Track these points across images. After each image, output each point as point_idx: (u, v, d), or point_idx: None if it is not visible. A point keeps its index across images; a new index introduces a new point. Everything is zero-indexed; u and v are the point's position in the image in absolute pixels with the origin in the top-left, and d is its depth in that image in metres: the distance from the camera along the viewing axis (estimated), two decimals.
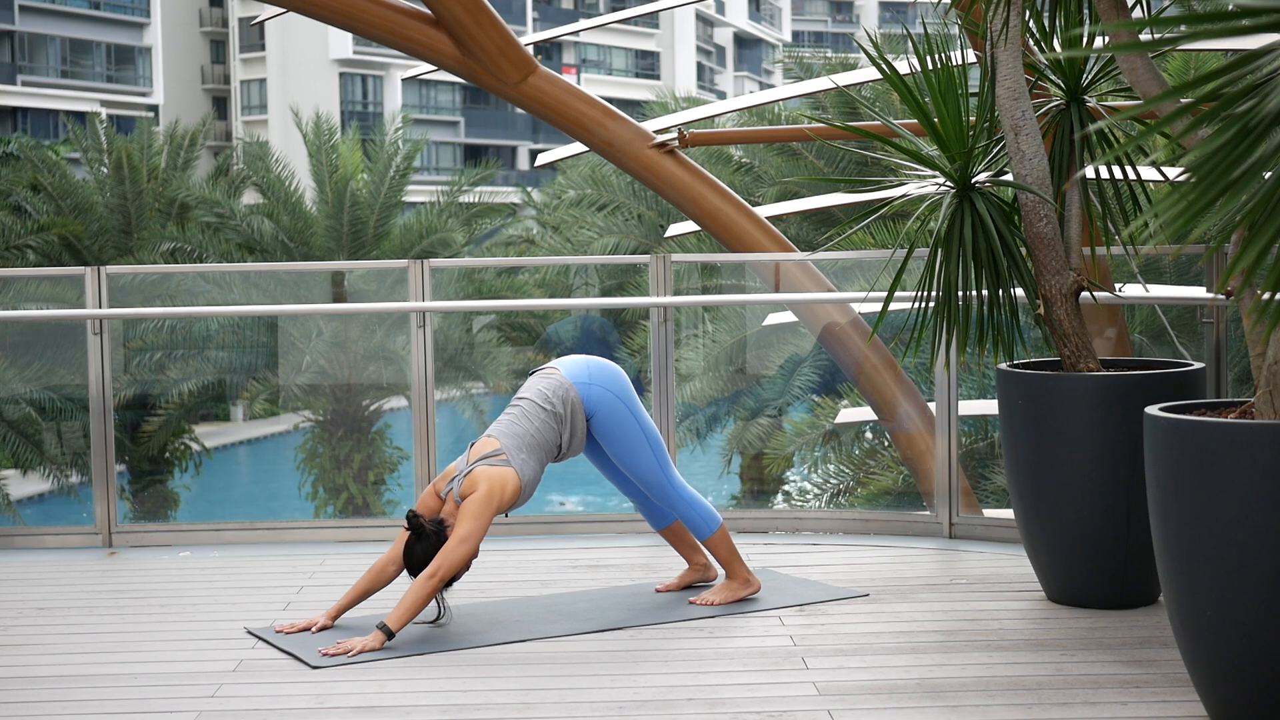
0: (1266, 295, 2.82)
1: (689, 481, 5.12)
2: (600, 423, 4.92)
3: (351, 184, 22.22)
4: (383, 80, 52.24)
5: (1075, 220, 4.95)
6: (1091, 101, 5.01)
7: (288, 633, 4.71)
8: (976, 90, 5.02)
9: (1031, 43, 5.00)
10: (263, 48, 51.15)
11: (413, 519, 4.67)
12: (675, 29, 61.21)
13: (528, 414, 4.85)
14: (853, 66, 23.49)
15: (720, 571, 5.27)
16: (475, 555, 4.68)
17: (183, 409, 19.67)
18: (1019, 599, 5.04)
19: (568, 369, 4.96)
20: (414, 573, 4.70)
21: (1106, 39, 5.04)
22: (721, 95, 62.57)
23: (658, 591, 5.19)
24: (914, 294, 5.06)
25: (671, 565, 5.56)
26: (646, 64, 60.93)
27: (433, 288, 6.33)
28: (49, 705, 4.11)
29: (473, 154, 50.94)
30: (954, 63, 4.89)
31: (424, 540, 4.67)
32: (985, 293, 4.94)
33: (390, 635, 4.53)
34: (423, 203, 24.78)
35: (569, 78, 15.94)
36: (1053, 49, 4.94)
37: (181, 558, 6.04)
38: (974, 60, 5.46)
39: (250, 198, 25.49)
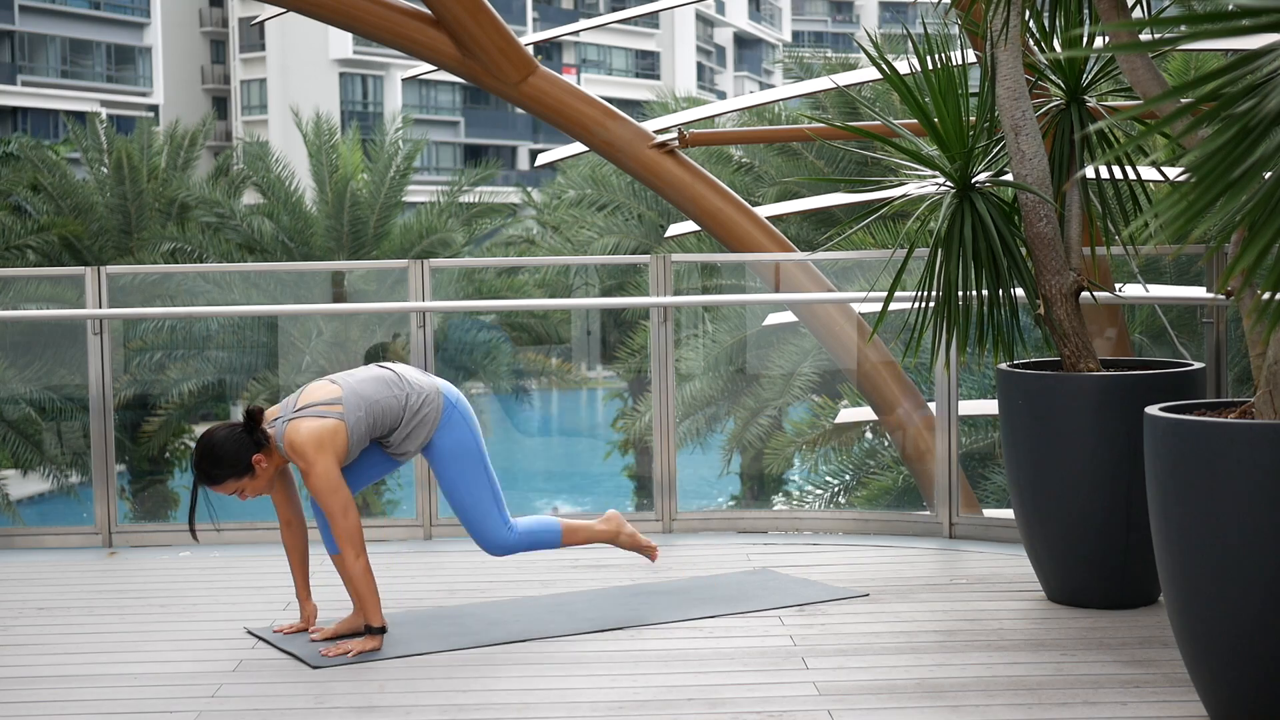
0: (1266, 295, 2.82)
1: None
2: (445, 448, 4.71)
3: (351, 184, 22.23)
4: (383, 80, 52.25)
5: (1075, 220, 4.95)
6: (1091, 101, 5.01)
7: (287, 633, 4.71)
8: (976, 90, 5.02)
9: (1031, 43, 5.00)
10: (263, 48, 51.16)
11: (255, 412, 4.43)
12: (675, 29, 61.20)
13: (385, 383, 4.62)
14: (853, 66, 23.47)
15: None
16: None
17: (183, 409, 19.66)
18: (1019, 599, 5.04)
19: (446, 385, 4.78)
20: (213, 472, 4.42)
21: (1106, 39, 5.04)
22: (721, 95, 62.51)
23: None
24: (914, 294, 5.06)
25: (672, 565, 5.57)
26: (646, 64, 60.93)
27: (433, 288, 6.33)
28: (49, 705, 4.11)
29: (473, 154, 50.92)
30: (954, 63, 4.89)
31: (252, 434, 4.44)
32: (985, 293, 4.94)
33: (382, 630, 4.50)
34: (423, 203, 24.79)
35: (569, 78, 15.94)
36: (1053, 49, 4.93)
37: (181, 558, 6.04)
38: (974, 60, 5.46)
39: (250, 198, 25.51)
